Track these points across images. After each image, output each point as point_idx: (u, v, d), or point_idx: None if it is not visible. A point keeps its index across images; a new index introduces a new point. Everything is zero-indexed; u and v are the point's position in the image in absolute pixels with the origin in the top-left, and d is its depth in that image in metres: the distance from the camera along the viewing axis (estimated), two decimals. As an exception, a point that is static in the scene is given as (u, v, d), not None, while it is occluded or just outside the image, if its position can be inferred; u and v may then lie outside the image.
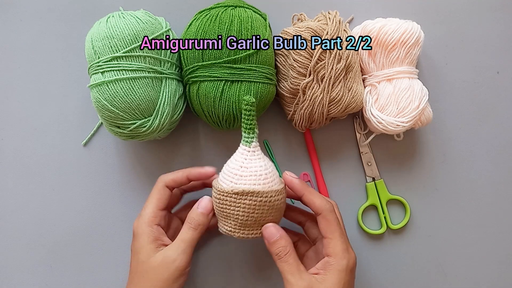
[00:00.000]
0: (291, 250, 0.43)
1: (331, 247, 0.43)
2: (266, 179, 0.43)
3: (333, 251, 0.42)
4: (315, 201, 0.44)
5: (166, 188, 0.48)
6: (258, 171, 0.43)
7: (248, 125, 0.44)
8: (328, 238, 0.43)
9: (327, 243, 0.43)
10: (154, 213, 0.46)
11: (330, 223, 0.43)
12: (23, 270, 0.56)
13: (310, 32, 0.49)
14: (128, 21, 0.47)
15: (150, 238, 0.45)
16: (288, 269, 0.42)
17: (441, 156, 0.58)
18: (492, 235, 0.57)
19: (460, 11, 0.59)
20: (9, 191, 0.57)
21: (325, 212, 0.43)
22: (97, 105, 0.48)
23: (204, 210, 0.45)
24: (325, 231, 0.43)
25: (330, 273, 0.42)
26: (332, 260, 0.42)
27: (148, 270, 0.43)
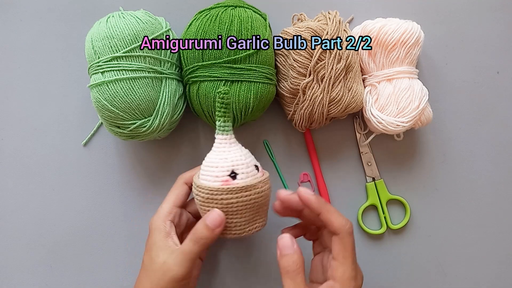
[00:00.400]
0: (301, 268, 0.40)
1: (339, 273, 0.40)
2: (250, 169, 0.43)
3: (341, 277, 0.40)
4: (334, 221, 0.41)
5: (185, 185, 0.47)
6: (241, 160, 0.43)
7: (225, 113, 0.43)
8: (339, 262, 0.40)
9: (336, 267, 0.40)
10: (170, 209, 0.46)
11: (346, 247, 0.40)
12: (23, 270, 0.56)
13: (310, 32, 0.49)
14: (128, 21, 0.47)
15: (162, 234, 0.44)
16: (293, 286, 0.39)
17: (441, 156, 0.58)
18: (492, 235, 0.57)
19: (460, 11, 0.59)
20: (9, 191, 0.57)
21: (343, 234, 0.40)
22: (97, 105, 0.48)
23: (211, 225, 0.42)
24: (338, 254, 0.40)
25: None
26: (337, 286, 0.40)
27: (154, 270, 0.43)
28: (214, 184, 0.42)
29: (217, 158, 0.43)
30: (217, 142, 0.44)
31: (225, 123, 0.44)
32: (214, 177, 0.42)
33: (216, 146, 0.44)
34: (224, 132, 0.44)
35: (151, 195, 0.57)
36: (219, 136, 0.44)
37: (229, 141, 0.44)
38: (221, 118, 0.43)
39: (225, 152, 0.43)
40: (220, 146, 0.44)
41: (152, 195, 0.57)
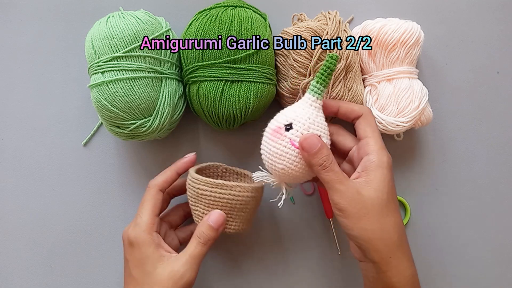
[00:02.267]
0: (333, 159, 0.41)
1: (371, 145, 0.42)
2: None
3: (374, 148, 0.42)
4: (353, 107, 0.45)
5: (160, 192, 0.47)
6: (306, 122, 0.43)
7: (322, 75, 0.43)
8: (369, 137, 0.43)
9: (367, 142, 0.43)
10: (152, 220, 0.44)
11: (371, 123, 0.44)
12: (23, 270, 0.56)
13: (310, 32, 0.49)
14: (128, 21, 0.47)
15: (153, 246, 0.43)
16: (336, 177, 0.40)
17: (441, 156, 0.58)
18: (492, 235, 0.57)
19: (460, 11, 0.59)
20: (9, 191, 0.57)
21: (365, 113, 0.45)
22: (97, 105, 0.48)
23: (215, 225, 0.43)
24: (365, 131, 0.44)
25: (373, 173, 0.41)
26: (373, 157, 0.41)
27: (156, 283, 0.41)
28: (272, 126, 0.43)
29: (289, 108, 0.44)
30: (302, 98, 0.44)
31: (317, 84, 0.43)
32: (275, 120, 0.43)
33: (300, 101, 0.44)
34: (312, 92, 0.43)
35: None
36: (306, 94, 0.44)
37: (312, 102, 0.43)
38: (316, 78, 0.43)
39: (299, 107, 0.43)
40: (301, 101, 0.44)
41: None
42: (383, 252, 0.40)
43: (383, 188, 0.41)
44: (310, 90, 0.44)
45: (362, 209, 0.39)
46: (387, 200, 0.40)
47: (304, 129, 0.42)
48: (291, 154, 0.42)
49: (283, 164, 0.42)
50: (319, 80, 0.43)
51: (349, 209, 0.39)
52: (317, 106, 0.44)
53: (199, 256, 0.43)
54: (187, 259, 0.42)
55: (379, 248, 0.40)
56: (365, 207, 0.40)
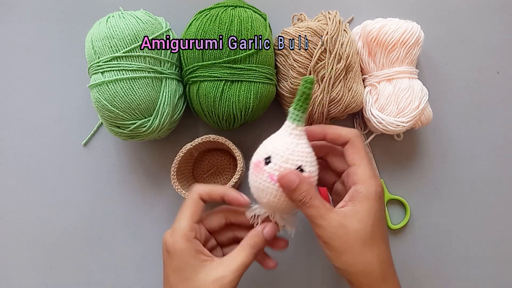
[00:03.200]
0: (314, 192, 0.40)
1: (359, 174, 0.41)
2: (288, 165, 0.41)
3: (361, 177, 0.40)
4: (341, 131, 0.43)
5: (201, 200, 0.44)
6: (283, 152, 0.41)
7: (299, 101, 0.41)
8: (356, 165, 0.41)
9: (354, 170, 0.41)
10: (190, 227, 0.42)
11: (359, 149, 0.42)
12: (23, 270, 0.57)
13: (310, 32, 0.49)
14: (128, 21, 0.47)
15: (192, 253, 0.41)
16: (317, 213, 0.39)
17: (441, 156, 0.58)
18: (492, 235, 0.57)
19: (460, 11, 0.59)
20: (9, 191, 0.57)
21: (353, 138, 0.42)
22: (97, 105, 0.48)
23: (269, 237, 0.42)
24: (353, 158, 0.42)
25: (360, 203, 0.40)
26: (360, 187, 0.40)
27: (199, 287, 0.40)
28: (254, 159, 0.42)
29: (270, 139, 0.42)
30: (283, 126, 0.42)
31: (294, 111, 0.41)
32: (257, 153, 0.42)
33: (280, 129, 0.43)
34: (291, 119, 0.41)
35: (151, 195, 0.57)
36: (286, 121, 0.42)
37: (291, 130, 0.41)
38: (293, 104, 0.41)
39: (278, 138, 0.42)
40: (281, 130, 0.42)
41: (152, 195, 0.57)
42: (365, 285, 0.39)
43: (368, 219, 0.39)
44: (289, 117, 0.41)
45: (345, 243, 0.39)
46: (371, 232, 0.39)
47: (283, 161, 0.40)
48: (272, 188, 0.40)
49: (266, 198, 0.41)
50: (297, 107, 0.40)
51: (332, 243, 0.39)
52: (298, 133, 0.41)
53: (248, 264, 0.41)
54: (238, 267, 0.40)
55: (362, 282, 0.39)
56: (348, 240, 0.39)
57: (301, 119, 0.41)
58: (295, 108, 0.41)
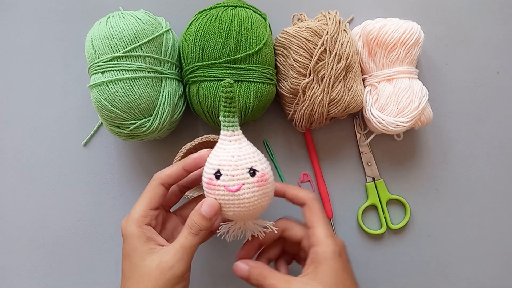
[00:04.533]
0: (267, 272, 0.41)
1: (315, 236, 0.41)
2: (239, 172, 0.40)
3: (317, 239, 0.41)
4: (298, 193, 0.44)
5: (161, 186, 0.43)
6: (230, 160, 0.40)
7: (225, 107, 0.40)
8: (313, 227, 0.42)
9: (311, 233, 0.42)
10: (144, 213, 0.42)
11: (314, 211, 0.43)
12: (23, 270, 0.57)
13: (310, 32, 0.49)
14: (128, 21, 0.47)
15: (142, 239, 0.41)
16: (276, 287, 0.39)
17: (441, 156, 0.58)
18: (492, 235, 0.57)
19: (460, 11, 0.59)
20: (9, 191, 0.57)
21: (309, 201, 0.43)
22: (97, 105, 0.48)
23: (207, 214, 0.40)
24: (310, 221, 0.42)
25: (320, 264, 0.39)
26: (318, 248, 0.40)
27: (143, 275, 0.39)
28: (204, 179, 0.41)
29: (211, 154, 0.41)
30: (219, 137, 0.42)
31: (225, 118, 0.40)
32: (205, 172, 0.41)
33: (218, 142, 0.42)
34: (225, 128, 0.41)
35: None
36: (221, 131, 0.41)
37: (229, 138, 0.41)
38: (222, 112, 0.40)
39: (220, 150, 0.41)
40: (220, 142, 0.42)
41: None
42: None
43: (331, 280, 0.39)
44: (222, 126, 0.41)
45: None
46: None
47: (233, 169, 0.39)
48: (233, 199, 0.40)
49: (231, 211, 0.40)
50: (225, 114, 0.40)
51: None
52: (237, 138, 0.41)
53: (190, 247, 0.40)
54: (177, 249, 0.40)
55: None
56: None
57: (235, 124, 0.41)
58: (224, 116, 0.40)
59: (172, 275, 0.39)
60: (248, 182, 0.40)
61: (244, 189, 0.40)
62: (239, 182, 0.39)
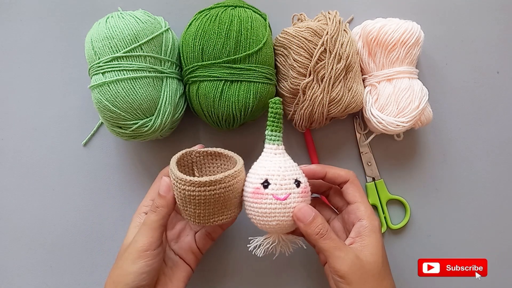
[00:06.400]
0: (328, 226, 0.42)
1: (362, 210, 0.44)
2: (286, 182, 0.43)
3: (365, 213, 0.44)
4: (340, 172, 0.46)
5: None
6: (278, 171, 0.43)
7: (273, 122, 0.44)
8: (358, 202, 0.45)
9: (357, 208, 0.44)
10: (146, 203, 0.48)
11: (358, 188, 0.46)
12: (23, 270, 0.56)
13: (310, 32, 0.49)
14: (127, 21, 0.47)
15: (135, 224, 0.46)
16: (334, 245, 0.41)
17: (441, 156, 0.58)
18: (492, 235, 0.57)
19: (460, 11, 0.59)
20: (9, 191, 0.57)
21: (352, 177, 0.46)
22: (99, 105, 0.48)
23: (161, 191, 0.44)
24: (355, 196, 0.45)
25: (368, 237, 0.42)
26: (366, 222, 0.43)
27: (121, 252, 0.45)
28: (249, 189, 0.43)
29: (257, 166, 0.44)
30: (264, 150, 0.45)
31: (272, 133, 0.44)
32: (250, 183, 0.43)
33: (262, 154, 0.45)
34: (271, 142, 0.44)
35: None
36: (266, 144, 0.45)
37: (274, 151, 0.44)
38: (269, 127, 0.44)
39: (266, 161, 0.44)
40: (265, 154, 0.45)
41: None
42: None
43: (378, 252, 0.42)
44: (268, 140, 0.44)
45: (363, 275, 0.40)
46: (382, 264, 0.42)
47: (281, 179, 0.42)
48: (280, 208, 0.42)
49: (276, 220, 0.42)
50: (273, 128, 0.44)
51: (351, 275, 0.40)
52: (281, 151, 0.44)
53: (150, 223, 0.43)
54: (141, 227, 0.44)
55: None
56: (365, 272, 0.41)
57: (280, 139, 0.44)
58: (271, 130, 0.44)
59: (133, 249, 0.42)
60: (294, 192, 0.43)
61: (291, 198, 0.42)
62: (287, 191, 0.42)
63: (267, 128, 0.44)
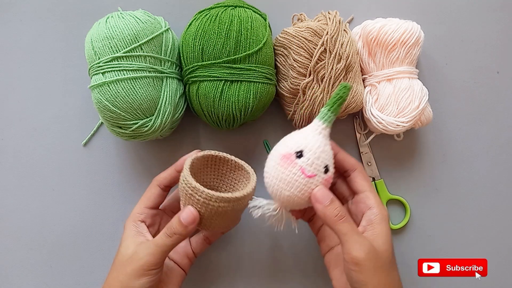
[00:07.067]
0: (347, 215, 0.41)
1: (371, 199, 0.44)
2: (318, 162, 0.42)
3: (374, 203, 0.43)
4: (349, 158, 0.46)
5: (157, 187, 0.48)
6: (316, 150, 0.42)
7: (334, 103, 0.42)
8: (367, 192, 0.44)
9: (366, 197, 0.44)
10: (140, 210, 0.47)
11: (366, 178, 0.45)
12: (23, 270, 0.56)
13: (310, 32, 0.49)
14: (127, 21, 0.47)
15: (132, 232, 0.45)
16: (352, 227, 0.40)
17: (441, 156, 0.58)
18: (492, 235, 0.57)
19: (460, 11, 0.59)
20: (9, 191, 0.57)
21: (359, 167, 0.46)
22: (99, 105, 0.48)
23: (184, 221, 0.42)
24: (363, 185, 0.45)
25: (379, 226, 0.42)
26: (376, 211, 0.43)
27: (120, 260, 0.44)
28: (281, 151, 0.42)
29: (298, 135, 0.43)
30: (311, 124, 0.43)
31: (328, 112, 0.42)
32: (285, 145, 0.42)
33: (308, 127, 0.43)
34: (322, 119, 0.43)
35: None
36: (316, 120, 0.43)
37: (321, 130, 0.42)
38: (328, 106, 0.42)
39: (309, 135, 0.42)
40: (310, 128, 0.43)
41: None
42: None
43: (389, 241, 0.42)
44: (321, 117, 0.43)
45: (377, 263, 0.40)
46: (392, 254, 0.42)
47: (315, 158, 0.41)
48: (300, 182, 0.41)
49: (290, 192, 0.41)
50: (331, 108, 0.42)
51: (367, 262, 0.39)
52: (326, 134, 0.43)
53: (162, 246, 0.42)
54: (150, 244, 0.43)
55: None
56: (379, 261, 0.40)
57: (331, 121, 0.43)
58: (329, 109, 0.42)
59: (139, 266, 0.42)
60: (320, 176, 0.41)
61: (314, 180, 0.41)
62: (315, 171, 0.41)
63: (326, 106, 0.42)
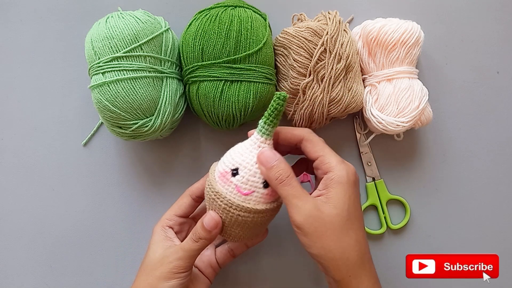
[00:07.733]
0: (291, 173, 0.40)
1: (326, 163, 0.41)
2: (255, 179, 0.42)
3: (329, 165, 0.41)
4: (293, 131, 0.44)
5: (189, 196, 0.49)
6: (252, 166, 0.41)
7: (270, 116, 0.41)
8: (321, 156, 0.42)
9: (321, 161, 0.41)
10: (170, 217, 0.48)
11: (316, 142, 0.43)
12: (23, 270, 0.56)
13: (310, 32, 0.49)
14: (127, 21, 0.47)
15: (160, 237, 0.47)
16: (293, 192, 0.39)
17: (441, 156, 0.58)
18: (492, 235, 0.57)
19: (460, 11, 0.59)
20: (9, 191, 0.57)
21: (306, 135, 0.43)
22: (99, 105, 0.48)
23: (207, 225, 0.42)
24: (315, 151, 0.42)
25: (333, 189, 0.40)
26: (331, 174, 0.40)
27: (149, 263, 0.45)
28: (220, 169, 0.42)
29: (238, 149, 0.42)
30: (251, 138, 0.43)
31: (265, 125, 0.41)
32: (223, 163, 0.42)
33: (248, 140, 0.43)
34: (260, 132, 0.41)
35: (151, 195, 0.57)
36: (255, 134, 0.42)
37: (260, 143, 0.41)
38: (265, 119, 0.41)
39: (247, 150, 0.42)
40: (250, 142, 0.42)
41: (152, 195, 0.57)
42: (343, 271, 0.39)
43: (343, 204, 0.39)
44: (258, 130, 0.42)
45: (321, 227, 0.38)
46: (347, 217, 0.39)
47: (251, 175, 0.40)
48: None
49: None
50: (267, 121, 0.40)
51: (306, 226, 0.38)
52: (266, 146, 0.41)
53: (188, 250, 0.43)
54: (178, 249, 0.44)
55: (339, 267, 0.39)
56: (323, 225, 0.38)
57: (270, 133, 0.41)
58: (265, 122, 0.41)
59: (168, 269, 0.43)
60: (259, 192, 0.41)
61: (252, 196, 0.41)
62: (251, 188, 0.41)
63: (262, 118, 0.41)
